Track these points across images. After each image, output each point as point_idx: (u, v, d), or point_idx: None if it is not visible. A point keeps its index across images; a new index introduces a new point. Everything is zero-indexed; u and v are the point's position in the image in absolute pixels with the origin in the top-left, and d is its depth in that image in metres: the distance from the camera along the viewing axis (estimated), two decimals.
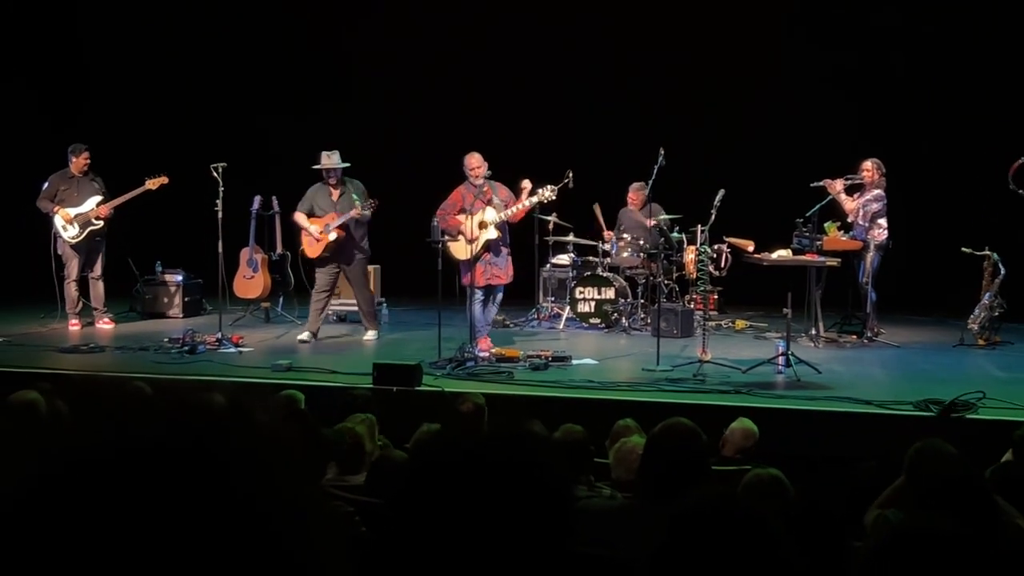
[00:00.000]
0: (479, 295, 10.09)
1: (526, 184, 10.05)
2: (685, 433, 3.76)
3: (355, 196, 10.79)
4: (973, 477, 3.55)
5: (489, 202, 9.96)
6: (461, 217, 9.96)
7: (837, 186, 10.87)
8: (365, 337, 11.11)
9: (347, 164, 10.92)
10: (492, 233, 9.93)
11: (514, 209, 9.97)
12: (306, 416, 5.24)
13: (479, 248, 9.95)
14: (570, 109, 14.07)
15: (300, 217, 10.92)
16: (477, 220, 9.94)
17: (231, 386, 1.22)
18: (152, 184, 11.55)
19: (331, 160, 10.84)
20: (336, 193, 10.86)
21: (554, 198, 10.22)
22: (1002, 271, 10.54)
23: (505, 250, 10.15)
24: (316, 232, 10.78)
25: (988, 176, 12.36)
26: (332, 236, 10.78)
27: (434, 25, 14.35)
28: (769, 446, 6.77)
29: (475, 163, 10.05)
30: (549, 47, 13.96)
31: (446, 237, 9.88)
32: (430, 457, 1.73)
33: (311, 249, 10.96)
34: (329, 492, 4.60)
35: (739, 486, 4.00)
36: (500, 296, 10.32)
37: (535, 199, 10.04)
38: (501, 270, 10.09)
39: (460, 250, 10.01)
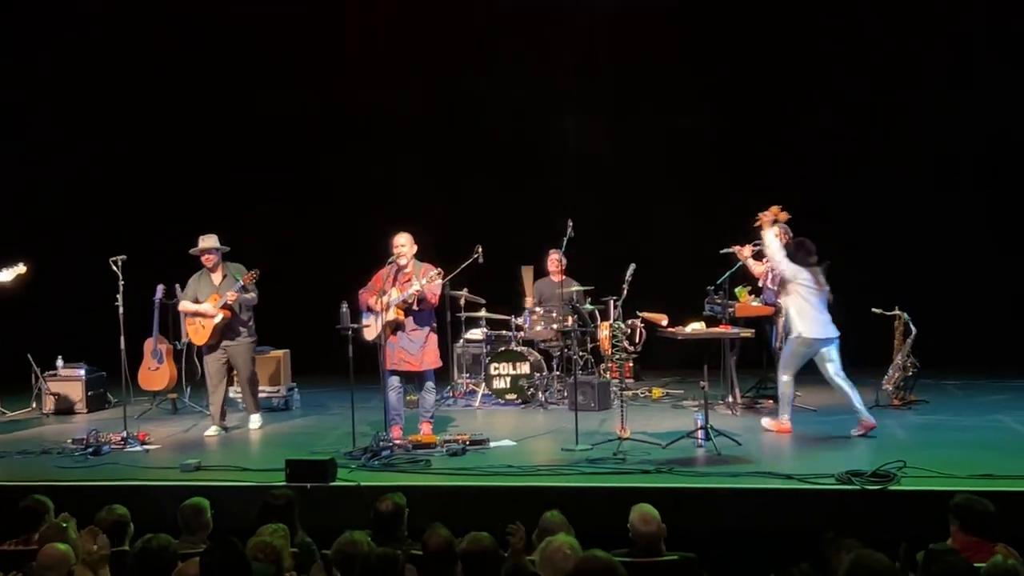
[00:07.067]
0: (394, 381, 9.80)
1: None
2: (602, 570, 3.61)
3: (237, 277, 10.52)
4: None
5: (404, 283, 9.70)
6: (375, 298, 9.76)
7: (745, 251, 10.88)
8: (250, 425, 10.80)
9: (226, 248, 10.66)
10: (391, 315, 9.64)
11: (407, 294, 9.58)
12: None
13: (379, 331, 9.71)
14: (477, 184, 14.02)
15: (186, 304, 10.67)
16: (384, 302, 9.73)
17: None
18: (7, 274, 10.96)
19: (207, 243, 10.59)
20: (218, 277, 10.59)
21: (440, 280, 9.74)
22: (913, 330, 10.61)
23: (422, 334, 9.76)
24: (211, 310, 10.46)
25: (900, 238, 12.55)
26: (218, 319, 10.49)
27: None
28: (692, 526, 6.69)
29: (400, 242, 9.75)
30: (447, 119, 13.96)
31: (365, 322, 9.68)
32: None
33: (198, 336, 10.65)
34: None
35: None
36: (429, 383, 9.97)
37: (420, 284, 9.54)
38: (412, 355, 9.72)
39: (368, 332, 9.79)
